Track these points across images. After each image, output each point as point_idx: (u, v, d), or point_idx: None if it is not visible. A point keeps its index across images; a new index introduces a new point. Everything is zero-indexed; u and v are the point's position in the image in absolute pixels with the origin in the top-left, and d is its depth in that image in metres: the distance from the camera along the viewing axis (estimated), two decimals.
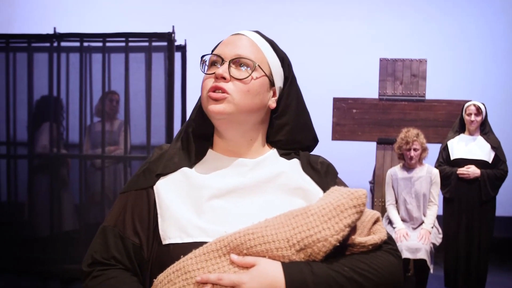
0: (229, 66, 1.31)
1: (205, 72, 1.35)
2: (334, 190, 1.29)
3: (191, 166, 1.36)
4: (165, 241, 1.27)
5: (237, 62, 1.33)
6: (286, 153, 1.44)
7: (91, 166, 5.61)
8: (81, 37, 5.24)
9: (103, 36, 5.20)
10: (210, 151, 1.41)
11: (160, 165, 1.37)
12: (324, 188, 1.36)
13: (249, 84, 1.32)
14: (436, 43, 8.34)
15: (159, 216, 1.30)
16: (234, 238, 1.17)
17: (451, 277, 5.20)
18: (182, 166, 1.36)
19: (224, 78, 1.30)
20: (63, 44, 5.32)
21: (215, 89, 1.30)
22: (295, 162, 1.42)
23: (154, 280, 1.24)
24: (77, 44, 5.27)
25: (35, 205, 5.45)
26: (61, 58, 5.33)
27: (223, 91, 1.30)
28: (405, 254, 4.78)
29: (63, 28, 5.34)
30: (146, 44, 5.17)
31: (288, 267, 1.14)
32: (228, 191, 1.31)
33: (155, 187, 1.34)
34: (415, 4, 8.73)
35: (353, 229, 1.24)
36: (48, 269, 5.28)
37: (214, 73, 1.31)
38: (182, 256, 1.20)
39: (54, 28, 5.27)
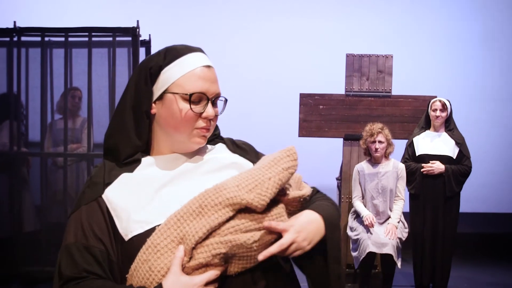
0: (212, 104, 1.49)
1: (193, 109, 1.46)
2: (266, 156, 1.52)
3: (131, 171, 1.47)
4: (127, 236, 1.36)
5: (215, 100, 1.51)
6: (210, 141, 1.62)
7: (52, 165, 5.54)
8: (42, 31, 5.17)
9: (65, 31, 5.14)
10: (148, 157, 1.52)
11: (102, 176, 1.46)
12: (253, 162, 1.57)
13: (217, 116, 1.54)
14: (402, 39, 8.45)
15: (115, 218, 1.39)
16: (203, 198, 1.33)
17: (418, 274, 5.28)
18: (123, 173, 1.47)
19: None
20: (23, 38, 5.25)
21: (207, 129, 1.49)
22: (222, 146, 1.64)
23: (126, 276, 1.33)
24: (38, 38, 5.21)
25: None
26: (21, 53, 5.25)
27: (209, 129, 1.51)
28: (372, 249, 4.85)
29: (24, 22, 5.26)
30: (110, 39, 5.14)
31: (314, 207, 1.48)
32: (172, 178, 1.47)
33: (103, 196, 1.42)
34: (381, 0, 8.81)
35: (289, 186, 1.48)
36: (8, 272, 5.19)
37: (202, 112, 1.47)
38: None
39: (14, 22, 5.18)
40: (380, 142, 5.12)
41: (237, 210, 1.34)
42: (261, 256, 1.32)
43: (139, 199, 1.40)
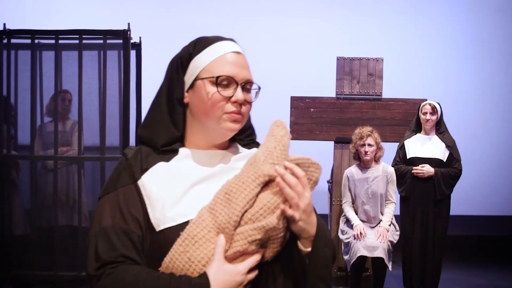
0: (242, 89, 1.48)
1: (220, 91, 1.46)
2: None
3: (168, 161, 1.49)
4: (159, 227, 1.38)
5: (245, 86, 1.50)
6: (246, 144, 1.65)
7: (42, 168, 5.52)
8: (32, 33, 5.15)
9: (56, 33, 5.12)
10: (185, 148, 1.53)
11: (140, 160, 1.48)
12: None
13: (251, 104, 1.54)
14: (392, 42, 8.50)
15: (148, 206, 1.40)
16: (227, 186, 1.38)
17: (408, 276, 5.31)
18: (160, 161, 1.48)
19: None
20: (13, 41, 5.22)
21: (237, 113, 1.47)
22: (255, 150, 1.61)
23: (159, 270, 1.35)
24: (28, 41, 5.18)
25: None
26: (10, 56, 5.23)
27: (241, 114, 1.49)
28: (363, 252, 4.88)
29: (14, 24, 5.25)
30: (101, 41, 5.12)
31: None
32: (206, 176, 1.47)
33: (139, 181, 1.44)
34: (371, 3, 8.86)
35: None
36: None
37: (231, 96, 1.46)
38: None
39: (4, 24, 5.17)
40: (369, 145, 5.13)
41: (261, 186, 1.37)
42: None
43: (173, 191, 1.41)
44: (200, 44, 1.52)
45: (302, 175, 1.39)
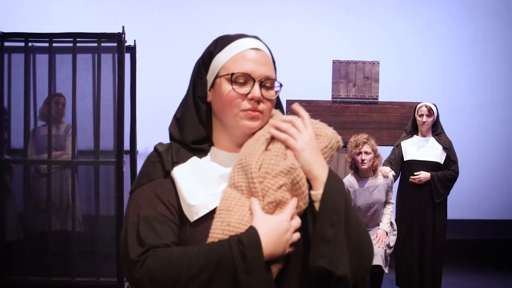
0: (260, 87, 1.47)
1: (235, 89, 1.46)
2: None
3: (200, 157, 1.51)
4: (193, 218, 1.40)
5: (265, 83, 1.49)
6: None
7: (36, 172, 5.53)
8: (26, 36, 5.15)
9: (50, 36, 5.12)
10: (213, 148, 1.54)
11: (171, 154, 1.50)
12: None
13: (273, 101, 1.53)
14: (388, 45, 8.52)
15: (180, 198, 1.43)
16: (236, 166, 1.43)
17: (402, 278, 5.32)
18: (193, 156, 1.51)
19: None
20: (6, 44, 5.23)
21: (254, 110, 1.46)
22: None
23: None
24: (22, 44, 5.19)
25: None
26: (4, 59, 5.24)
27: (259, 111, 1.48)
28: None
29: (7, 27, 5.25)
30: (95, 44, 5.13)
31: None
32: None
33: (172, 173, 1.46)
34: (367, 6, 8.89)
35: None
36: None
37: (248, 93, 1.46)
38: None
39: None
40: (366, 153, 4.94)
41: (266, 144, 1.44)
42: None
43: (203, 185, 1.44)
44: (221, 42, 1.53)
45: (292, 119, 1.48)
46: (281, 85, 1.56)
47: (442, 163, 5.28)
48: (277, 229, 1.32)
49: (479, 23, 8.98)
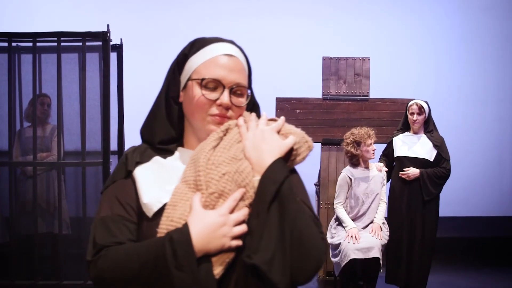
0: (229, 93, 1.52)
1: (205, 94, 1.51)
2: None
3: (164, 158, 1.57)
4: (150, 213, 1.47)
5: (236, 90, 1.54)
6: None
7: (21, 174, 5.51)
8: (9, 36, 5.13)
9: (33, 36, 5.10)
10: (180, 148, 1.61)
11: (136, 156, 1.57)
12: None
13: (243, 108, 1.58)
14: (379, 41, 8.55)
15: (140, 196, 1.49)
16: (189, 161, 1.48)
17: (391, 275, 5.36)
18: (156, 156, 1.57)
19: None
20: None
21: (221, 116, 1.52)
22: None
23: None
24: (5, 44, 5.16)
25: None
26: None
27: (227, 117, 1.53)
28: (356, 255, 4.87)
29: None
30: (80, 44, 5.12)
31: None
32: None
33: (133, 173, 1.53)
34: (357, 1, 8.91)
35: None
36: None
37: (217, 99, 1.51)
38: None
39: None
40: (373, 144, 5.20)
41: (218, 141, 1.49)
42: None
43: (161, 183, 1.50)
44: (196, 45, 1.58)
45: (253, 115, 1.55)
46: (251, 92, 1.61)
47: (432, 160, 5.30)
48: (210, 224, 1.36)
49: (472, 18, 9.02)
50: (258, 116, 1.62)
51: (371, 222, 5.18)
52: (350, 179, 5.23)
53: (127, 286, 1.35)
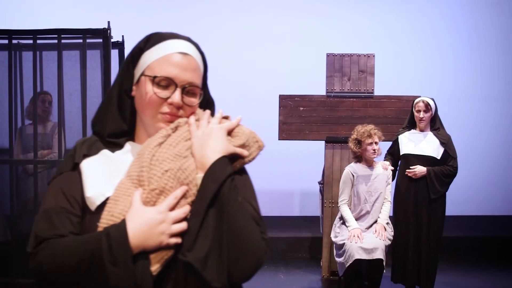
0: (181, 92, 1.53)
1: (156, 92, 1.51)
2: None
3: (112, 152, 1.57)
4: (93, 206, 1.47)
5: (188, 89, 1.54)
6: None
7: (22, 172, 5.53)
8: (9, 34, 5.14)
9: (34, 33, 5.11)
10: (129, 142, 1.61)
11: (84, 148, 1.57)
12: None
13: (195, 107, 1.57)
14: (384, 37, 8.53)
15: (84, 189, 1.49)
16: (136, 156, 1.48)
17: (398, 274, 5.35)
18: (104, 149, 1.57)
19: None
20: None
21: (172, 115, 1.52)
22: None
23: None
24: (5, 41, 5.17)
25: None
26: None
27: (177, 116, 1.54)
28: (360, 255, 4.88)
29: None
30: (80, 41, 5.12)
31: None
32: None
33: (80, 166, 1.53)
34: None
35: None
36: None
37: (168, 97, 1.51)
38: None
39: None
40: (376, 143, 5.18)
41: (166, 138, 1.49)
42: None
43: (107, 176, 1.50)
44: (152, 40, 1.58)
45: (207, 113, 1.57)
46: (203, 92, 1.60)
47: (439, 158, 5.28)
48: (148, 221, 1.37)
49: (479, 13, 8.99)
50: (213, 113, 1.64)
51: (375, 222, 5.19)
52: (353, 175, 5.27)
53: (65, 280, 1.35)
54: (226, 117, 1.60)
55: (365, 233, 5.09)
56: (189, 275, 1.40)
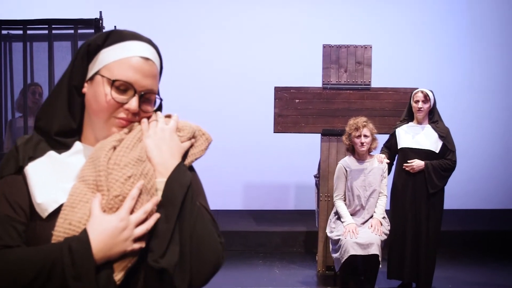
0: (139, 98, 1.48)
1: (114, 97, 1.46)
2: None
3: (59, 153, 1.49)
4: (45, 214, 1.40)
5: (146, 96, 1.51)
6: None
7: None
8: None
9: (24, 23, 5.10)
10: (77, 143, 1.53)
11: (28, 150, 1.48)
12: None
13: (150, 115, 1.54)
14: (381, 28, 8.52)
15: (32, 195, 1.42)
16: (88, 160, 1.44)
17: (395, 270, 5.37)
18: (50, 151, 1.49)
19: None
20: None
21: (127, 120, 1.48)
22: None
23: None
24: None
25: None
26: None
27: (132, 122, 1.50)
28: (356, 251, 4.90)
29: None
30: (72, 31, 5.11)
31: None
32: None
33: (25, 170, 1.44)
34: None
35: None
36: None
37: (125, 103, 1.47)
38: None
39: None
40: (365, 136, 5.17)
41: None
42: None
43: (56, 181, 1.43)
44: (112, 38, 1.51)
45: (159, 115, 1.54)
46: (161, 100, 1.58)
47: (437, 151, 5.28)
48: (111, 230, 1.34)
49: (477, 4, 8.97)
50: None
51: (371, 217, 5.21)
52: (346, 170, 5.31)
53: None
54: (168, 116, 1.58)
55: (360, 228, 5.10)
56: (150, 281, 1.40)
